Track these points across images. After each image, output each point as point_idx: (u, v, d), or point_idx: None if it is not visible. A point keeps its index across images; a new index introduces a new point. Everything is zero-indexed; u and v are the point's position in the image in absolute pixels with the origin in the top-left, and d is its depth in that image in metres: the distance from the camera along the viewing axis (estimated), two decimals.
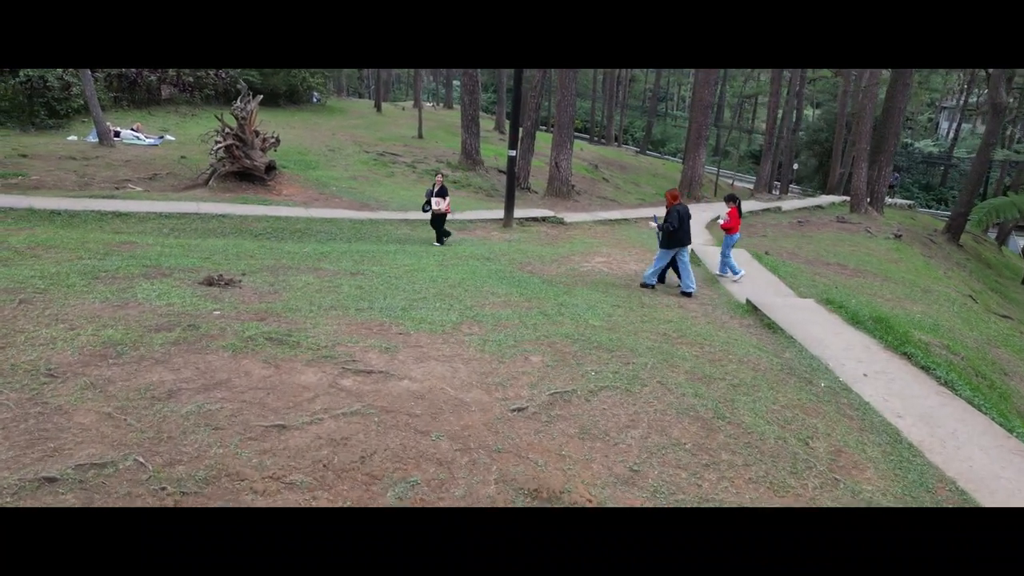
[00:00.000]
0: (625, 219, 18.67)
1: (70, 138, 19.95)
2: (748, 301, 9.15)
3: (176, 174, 17.55)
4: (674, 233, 9.51)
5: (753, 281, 10.76)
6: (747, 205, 23.65)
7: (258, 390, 4.84)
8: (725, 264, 11.32)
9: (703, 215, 19.50)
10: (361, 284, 8.15)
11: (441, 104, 53.16)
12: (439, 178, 13.18)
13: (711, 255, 12.51)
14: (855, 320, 8.62)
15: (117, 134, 20.48)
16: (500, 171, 25.48)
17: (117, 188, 15.26)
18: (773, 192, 35.61)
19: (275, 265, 8.91)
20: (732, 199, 11.43)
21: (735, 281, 10.94)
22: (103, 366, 4.94)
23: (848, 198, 26.16)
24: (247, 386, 4.88)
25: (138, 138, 20.90)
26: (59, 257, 7.96)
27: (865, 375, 6.91)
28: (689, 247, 9.84)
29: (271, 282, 7.85)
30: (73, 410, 4.31)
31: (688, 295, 9.58)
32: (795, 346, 7.64)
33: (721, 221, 11.34)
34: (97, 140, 19.36)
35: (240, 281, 7.68)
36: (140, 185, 15.96)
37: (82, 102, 20.39)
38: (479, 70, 30.69)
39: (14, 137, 19.03)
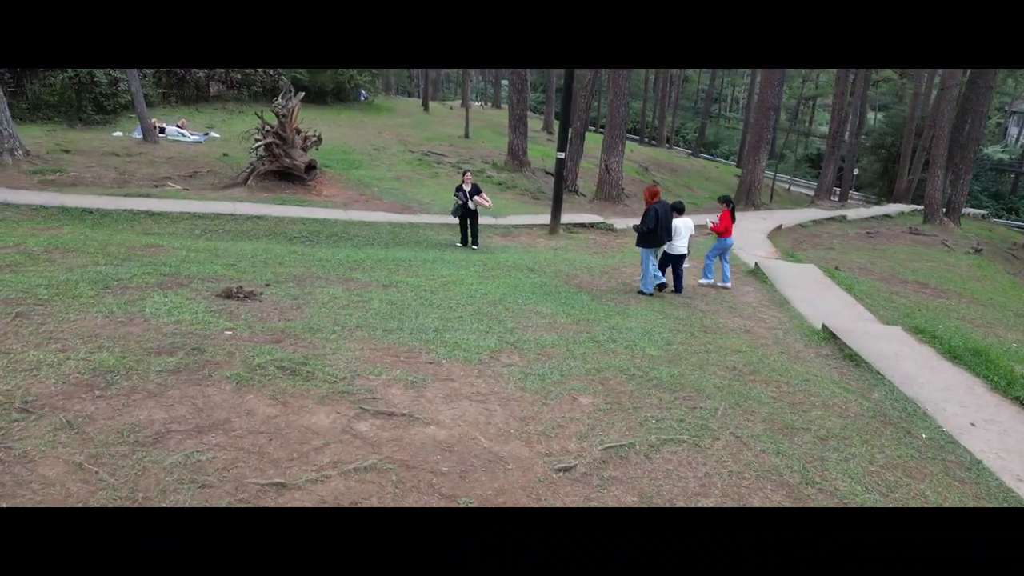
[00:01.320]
0: None
1: (115, 134, 19.88)
2: (825, 327, 8.12)
3: (217, 172, 17.21)
4: (650, 233, 9.10)
5: (827, 302, 9.68)
6: (809, 213, 22.33)
7: (259, 435, 4.12)
8: (708, 269, 10.65)
9: (762, 223, 18.33)
10: (392, 299, 7.42)
11: (489, 103, 52.57)
12: (468, 176, 12.43)
13: (781, 271, 11.42)
14: (951, 353, 7.52)
15: (162, 130, 20.34)
16: (547, 172, 24.65)
17: (156, 186, 14.95)
18: (832, 198, 33.88)
19: (303, 274, 8.26)
20: (726, 200, 10.63)
21: (722, 286, 10.35)
22: (87, 399, 4.29)
23: (918, 207, 24.56)
24: (247, 429, 4.16)
25: (182, 134, 20.74)
26: (74, 262, 7.45)
27: (973, 424, 5.86)
28: (663, 247, 9.51)
29: (295, 295, 7.18)
30: (40, 458, 3.65)
31: (645, 294, 9.33)
32: (884, 384, 6.62)
33: (711, 224, 10.38)
34: (141, 136, 19.22)
35: (261, 294, 7.03)
36: (180, 183, 15.64)
37: (129, 98, 20.29)
38: (528, 69, 29.86)
39: (60, 132, 19.01)
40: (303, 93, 16.96)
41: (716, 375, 6.02)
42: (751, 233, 16.27)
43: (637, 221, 9.31)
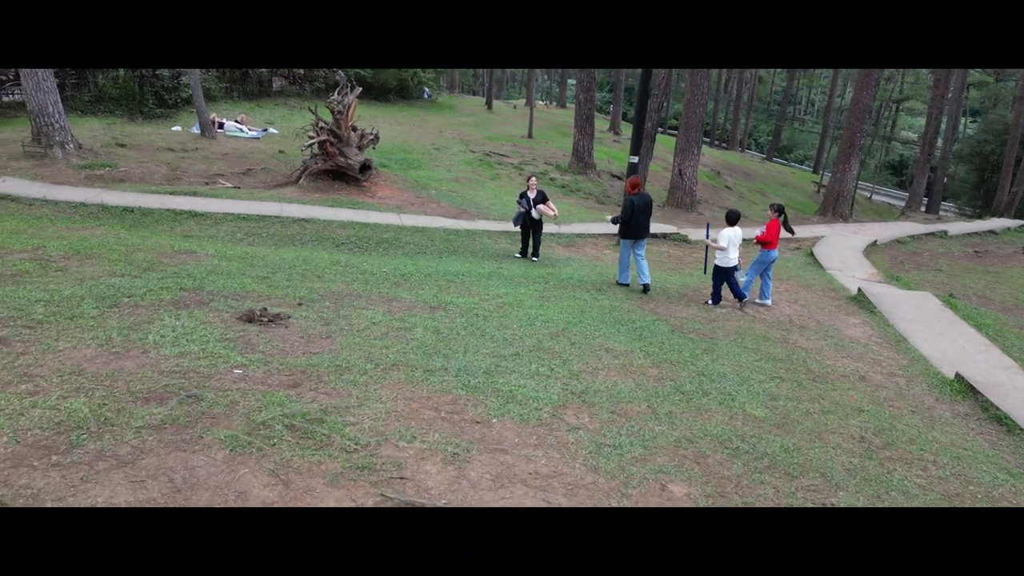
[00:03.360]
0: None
1: (174, 128, 19.58)
2: (959, 377, 6.66)
3: (271, 169, 16.58)
4: (626, 224, 9.35)
5: (952, 341, 8.13)
6: (904, 227, 20.31)
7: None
8: (748, 284, 9.32)
9: (855, 238, 16.54)
10: (439, 326, 6.36)
11: (554, 103, 51.33)
12: (533, 181, 11.32)
13: (890, 300, 9.85)
14: None
15: (221, 125, 19.95)
16: (613, 175, 23.32)
17: (207, 183, 14.37)
18: (920, 209, 31.30)
19: (342, 292, 7.30)
20: (778, 209, 9.22)
21: (759, 303, 9.24)
22: (38, 468, 3.35)
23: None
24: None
25: (241, 130, 20.31)
26: (89, 272, 6.66)
27: None
28: (645, 240, 9.55)
29: (328, 319, 6.20)
30: None
31: (645, 288, 9.27)
32: None
33: (758, 233, 9.07)
34: (199, 131, 18.86)
35: (289, 317, 6.07)
36: (232, 180, 15.04)
37: (190, 92, 19.96)
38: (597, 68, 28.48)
39: (119, 126, 18.78)
40: (360, 89, 16.16)
41: (841, 449, 4.71)
42: (845, 250, 14.60)
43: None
